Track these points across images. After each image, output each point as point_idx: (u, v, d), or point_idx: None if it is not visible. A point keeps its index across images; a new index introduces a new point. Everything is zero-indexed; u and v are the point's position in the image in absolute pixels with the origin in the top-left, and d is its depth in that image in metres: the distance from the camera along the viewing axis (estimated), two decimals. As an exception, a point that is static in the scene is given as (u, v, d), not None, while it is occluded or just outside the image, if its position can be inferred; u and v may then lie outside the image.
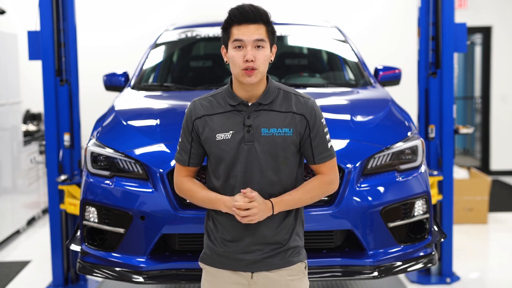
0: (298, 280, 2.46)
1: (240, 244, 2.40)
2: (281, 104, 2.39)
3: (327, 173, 2.45)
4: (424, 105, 4.67)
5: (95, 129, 3.58)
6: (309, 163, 2.46)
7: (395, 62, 6.40)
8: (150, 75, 4.53)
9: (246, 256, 2.40)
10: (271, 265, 2.41)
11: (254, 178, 2.35)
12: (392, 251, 3.17)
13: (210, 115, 2.40)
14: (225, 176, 2.38)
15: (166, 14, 8.37)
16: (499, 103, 9.05)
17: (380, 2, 8.61)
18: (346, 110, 3.62)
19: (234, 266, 2.42)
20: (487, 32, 8.98)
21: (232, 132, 2.36)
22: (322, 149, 2.42)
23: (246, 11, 2.31)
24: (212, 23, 4.82)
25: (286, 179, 2.40)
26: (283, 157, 2.37)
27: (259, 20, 2.32)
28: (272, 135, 2.35)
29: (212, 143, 2.38)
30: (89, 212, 3.25)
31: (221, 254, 2.43)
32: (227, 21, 2.35)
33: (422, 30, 4.62)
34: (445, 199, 4.53)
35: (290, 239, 2.43)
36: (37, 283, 4.72)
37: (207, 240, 2.48)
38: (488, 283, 4.70)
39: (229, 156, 2.36)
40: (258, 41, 2.31)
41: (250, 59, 2.29)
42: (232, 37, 2.33)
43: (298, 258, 2.45)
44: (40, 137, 6.91)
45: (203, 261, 2.50)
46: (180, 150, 2.48)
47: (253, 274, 2.42)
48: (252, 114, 2.37)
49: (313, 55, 4.91)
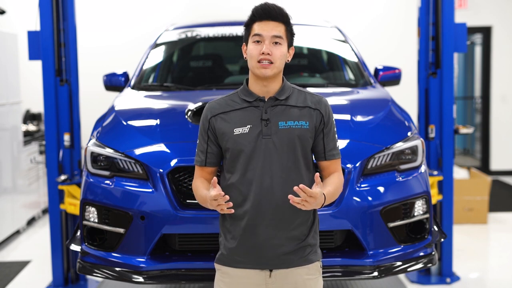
0: (315, 280, 2.49)
1: (259, 237, 2.40)
2: (297, 99, 2.46)
3: (337, 170, 2.50)
4: (424, 105, 4.67)
5: (95, 129, 3.58)
6: (319, 159, 2.50)
7: (395, 62, 6.39)
8: (150, 75, 4.53)
9: (265, 252, 2.40)
10: (290, 263, 2.43)
11: (273, 172, 2.38)
12: (392, 251, 3.17)
13: (226, 112, 2.45)
14: (242, 170, 2.40)
15: (166, 14, 8.37)
16: (499, 103, 9.05)
17: (380, 2, 8.61)
18: (346, 110, 3.62)
19: (253, 265, 2.43)
20: (487, 32, 8.98)
21: (250, 126, 2.40)
22: (332, 146, 2.49)
23: (268, 8, 2.41)
24: (212, 23, 4.82)
25: (304, 172, 2.43)
26: (301, 149, 2.42)
27: (280, 19, 2.42)
28: (290, 127, 2.41)
29: (229, 138, 2.41)
30: (89, 212, 3.25)
31: (240, 252, 2.43)
32: (250, 18, 2.45)
33: (422, 30, 4.62)
34: (445, 199, 4.53)
35: (308, 236, 2.46)
36: (37, 283, 4.72)
37: (224, 241, 2.49)
38: (488, 283, 4.70)
39: (247, 149, 2.39)
40: (276, 37, 2.40)
41: (267, 52, 2.37)
42: (252, 32, 2.42)
43: (315, 256, 2.48)
44: (40, 137, 6.91)
45: (220, 262, 2.50)
46: (197, 151, 2.52)
47: (271, 272, 2.43)
48: (269, 108, 2.42)
49: (313, 55, 4.91)
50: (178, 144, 3.27)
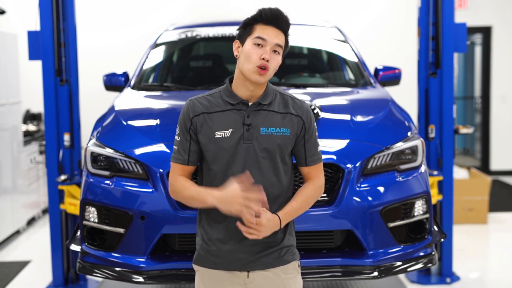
0: (293, 278, 2.48)
1: (235, 243, 2.40)
2: (279, 105, 2.42)
3: (317, 177, 2.48)
4: (424, 105, 4.67)
5: (95, 129, 3.58)
6: (300, 165, 2.47)
7: (395, 62, 6.40)
8: (150, 75, 4.53)
9: (242, 256, 2.40)
10: (267, 264, 2.42)
11: (252, 176, 2.34)
12: (392, 251, 3.17)
13: (208, 113, 2.40)
14: (222, 174, 2.38)
15: (166, 14, 8.37)
16: (499, 103, 9.05)
17: (380, 2, 8.61)
18: (346, 110, 3.62)
19: (230, 266, 2.42)
20: (487, 32, 8.98)
21: (232, 130, 2.37)
22: (314, 152, 2.47)
23: (279, 15, 2.37)
24: (212, 23, 4.82)
25: (284, 179, 2.42)
26: (280, 156, 2.40)
27: (283, 28, 2.38)
28: (271, 134, 2.38)
29: (210, 141, 2.38)
30: (89, 212, 3.25)
31: (216, 254, 2.42)
32: (253, 17, 2.38)
33: (422, 30, 4.62)
34: (445, 199, 4.53)
35: (284, 238, 2.45)
36: (37, 283, 4.72)
37: (201, 241, 2.47)
38: (488, 283, 4.70)
39: (227, 153, 2.36)
40: (277, 46, 2.37)
41: (267, 59, 2.34)
42: (254, 33, 2.36)
43: (292, 257, 2.47)
44: (40, 137, 6.91)
45: (198, 263, 2.48)
46: (178, 149, 2.44)
47: (249, 273, 2.42)
48: (252, 113, 2.38)
49: (313, 55, 4.91)
50: (178, 144, 3.26)
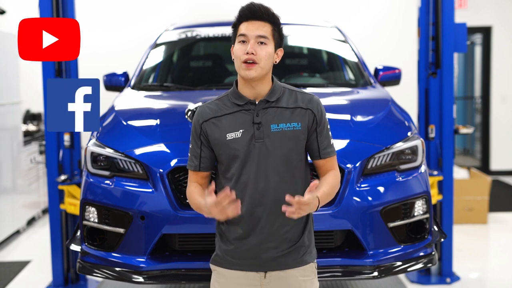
0: (310, 281, 2.47)
1: (254, 240, 2.39)
2: (287, 100, 2.42)
3: (333, 168, 2.48)
4: (424, 105, 4.66)
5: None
6: (314, 159, 2.46)
7: (395, 62, 6.38)
8: (150, 75, 4.53)
9: (260, 255, 2.40)
10: (285, 265, 2.42)
11: (268, 175, 2.36)
12: (392, 251, 3.17)
13: (217, 117, 2.41)
14: (237, 174, 2.39)
15: (166, 14, 8.36)
16: (499, 103, 9.05)
17: (380, 2, 8.61)
18: (346, 110, 3.62)
19: (248, 267, 2.42)
20: (487, 32, 8.98)
21: (242, 130, 2.38)
22: (327, 144, 2.46)
23: (254, 7, 2.38)
24: (212, 23, 4.82)
25: (298, 175, 2.42)
26: (294, 151, 2.39)
27: (266, 18, 2.38)
28: (282, 130, 2.38)
29: (222, 144, 2.39)
30: (89, 212, 3.25)
31: (235, 254, 2.42)
32: (237, 18, 2.42)
33: (422, 30, 4.62)
34: (445, 199, 4.53)
35: (302, 236, 2.44)
36: (37, 283, 4.71)
37: (219, 242, 2.48)
38: (488, 283, 4.70)
39: (241, 154, 2.37)
40: (261, 37, 2.36)
41: (250, 52, 2.34)
42: (238, 32, 2.40)
43: (310, 257, 2.47)
44: (40, 137, 6.90)
45: (215, 263, 2.50)
46: (190, 156, 2.48)
47: (266, 274, 2.42)
48: (260, 111, 2.39)
49: (313, 55, 4.91)
50: (178, 144, 3.27)
